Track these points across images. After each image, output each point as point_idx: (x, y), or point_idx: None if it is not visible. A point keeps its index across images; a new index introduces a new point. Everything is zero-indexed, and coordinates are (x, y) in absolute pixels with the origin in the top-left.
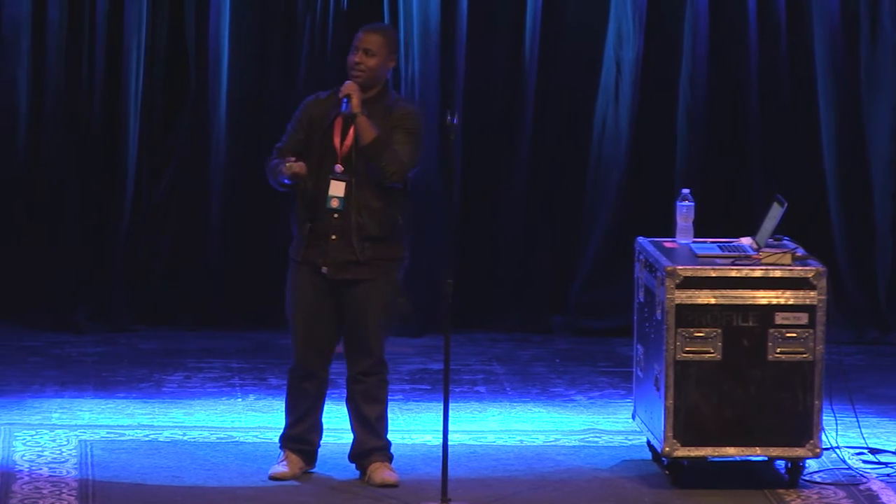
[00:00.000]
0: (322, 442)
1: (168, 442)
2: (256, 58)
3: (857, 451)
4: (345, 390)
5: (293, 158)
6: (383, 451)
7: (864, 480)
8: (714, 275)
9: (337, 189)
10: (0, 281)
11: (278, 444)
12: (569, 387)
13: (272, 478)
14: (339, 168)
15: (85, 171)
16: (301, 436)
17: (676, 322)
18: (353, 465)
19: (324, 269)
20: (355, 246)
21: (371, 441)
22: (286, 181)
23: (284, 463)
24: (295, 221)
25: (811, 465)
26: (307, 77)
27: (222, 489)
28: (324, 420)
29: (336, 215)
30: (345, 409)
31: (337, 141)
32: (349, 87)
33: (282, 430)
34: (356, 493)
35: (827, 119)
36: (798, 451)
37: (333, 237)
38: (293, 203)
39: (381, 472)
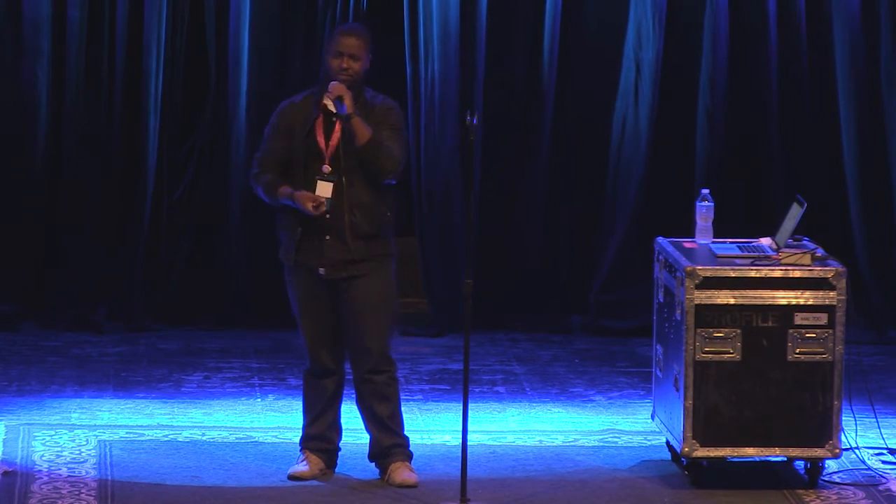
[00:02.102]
0: (341, 443)
1: (187, 442)
2: (276, 57)
3: (877, 451)
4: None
5: (318, 198)
6: (402, 448)
7: (884, 481)
8: (734, 275)
9: (324, 190)
10: (20, 281)
11: (298, 447)
12: (588, 387)
13: (291, 477)
14: (326, 169)
15: (105, 170)
16: (320, 434)
17: (696, 322)
18: (373, 465)
19: (321, 271)
20: (350, 245)
21: (388, 439)
22: (293, 206)
23: (305, 463)
24: (282, 226)
25: (830, 465)
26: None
27: (242, 489)
28: (342, 420)
29: (328, 216)
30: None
31: (322, 142)
32: (338, 87)
33: (301, 432)
34: (375, 493)
35: (847, 119)
36: (817, 452)
37: (327, 238)
38: (276, 209)
39: (401, 473)
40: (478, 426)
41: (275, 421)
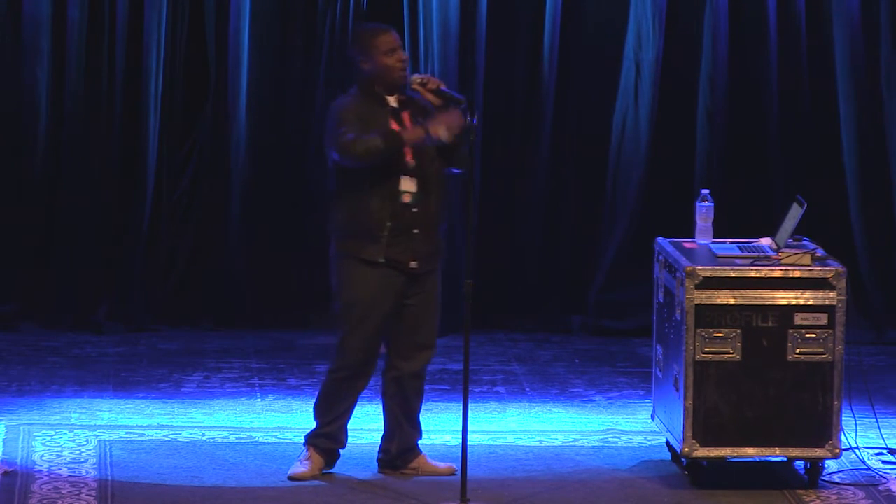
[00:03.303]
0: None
1: (187, 442)
2: (276, 57)
3: (877, 451)
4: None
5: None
6: (418, 443)
7: (884, 481)
8: (733, 275)
9: (409, 184)
10: (20, 281)
11: (303, 442)
12: (588, 387)
13: (292, 478)
14: (411, 162)
15: (105, 170)
16: (333, 433)
17: (696, 322)
18: (378, 465)
19: (412, 265)
20: (435, 237)
21: (415, 434)
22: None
23: (307, 463)
24: (360, 223)
25: (830, 465)
26: (327, 76)
27: (242, 489)
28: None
29: (414, 209)
30: (362, 409)
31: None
32: (432, 78)
33: (313, 428)
34: (375, 493)
35: (847, 119)
36: (817, 452)
37: (415, 231)
38: (344, 206)
39: (435, 463)
40: (478, 426)
41: (275, 421)
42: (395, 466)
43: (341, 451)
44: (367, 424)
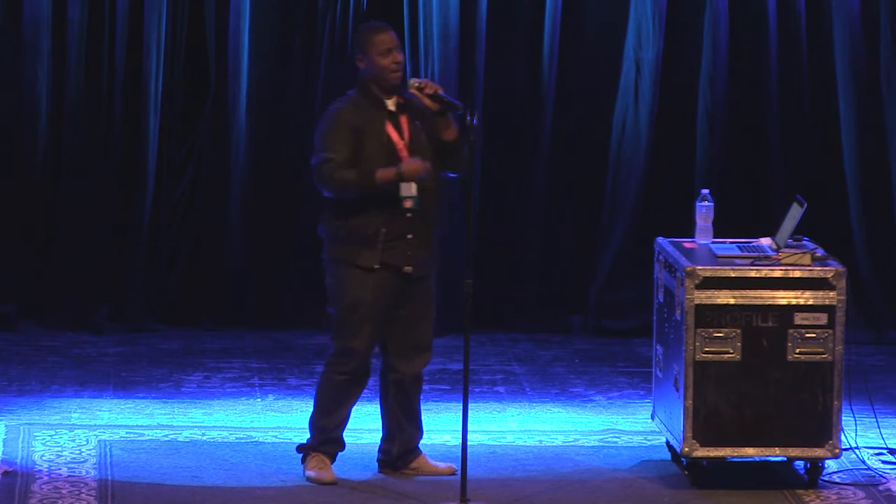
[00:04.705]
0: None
1: (187, 442)
2: (276, 57)
3: (877, 451)
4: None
5: (419, 161)
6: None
7: (884, 481)
8: (733, 275)
9: (408, 189)
10: (20, 281)
11: (311, 449)
12: (588, 387)
13: (323, 482)
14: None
15: (105, 170)
16: (339, 437)
17: (696, 322)
18: (378, 465)
19: (407, 269)
20: (430, 242)
21: (417, 435)
22: (389, 186)
23: (327, 469)
24: (356, 229)
25: (830, 465)
26: (326, 76)
27: (242, 489)
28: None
29: (409, 214)
30: (362, 409)
31: (398, 140)
32: (430, 82)
33: (319, 436)
34: (375, 493)
35: (847, 119)
36: (817, 452)
37: (410, 236)
38: (338, 212)
39: (434, 463)
40: (478, 426)
41: (275, 421)
42: (395, 467)
43: (340, 453)
44: (367, 424)
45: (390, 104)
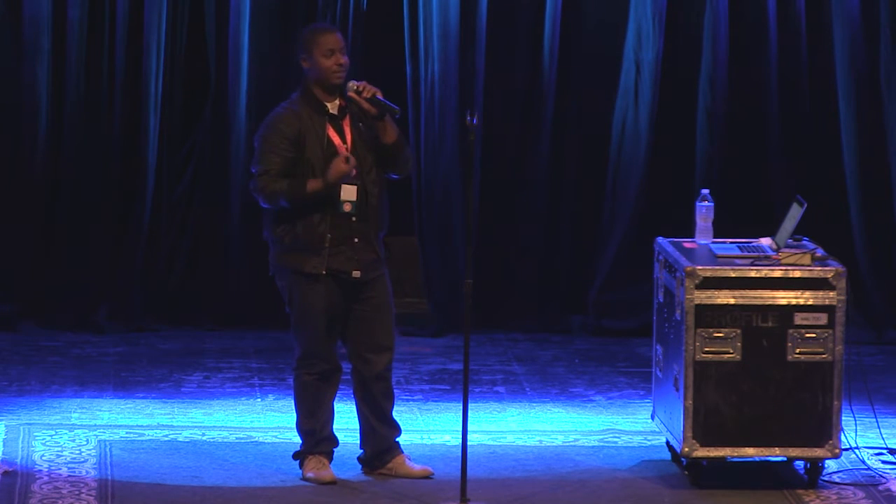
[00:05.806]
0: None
1: (187, 442)
2: (276, 57)
3: (877, 451)
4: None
5: (348, 158)
6: (398, 443)
7: (884, 481)
8: (733, 275)
9: (349, 193)
10: (21, 281)
11: (308, 453)
12: (588, 387)
13: (322, 482)
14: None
15: (105, 170)
16: (330, 435)
17: (696, 322)
18: (362, 467)
19: (355, 274)
20: (375, 244)
21: (392, 435)
22: (322, 194)
23: (327, 469)
24: (302, 238)
25: (830, 465)
26: None
27: (242, 489)
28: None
29: (353, 218)
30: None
31: (340, 144)
32: (368, 85)
33: (310, 439)
34: (375, 493)
35: (847, 119)
36: (817, 452)
37: (356, 240)
38: (281, 218)
39: (412, 465)
40: (478, 426)
41: (275, 421)
42: (372, 467)
43: (335, 449)
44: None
45: (332, 107)
